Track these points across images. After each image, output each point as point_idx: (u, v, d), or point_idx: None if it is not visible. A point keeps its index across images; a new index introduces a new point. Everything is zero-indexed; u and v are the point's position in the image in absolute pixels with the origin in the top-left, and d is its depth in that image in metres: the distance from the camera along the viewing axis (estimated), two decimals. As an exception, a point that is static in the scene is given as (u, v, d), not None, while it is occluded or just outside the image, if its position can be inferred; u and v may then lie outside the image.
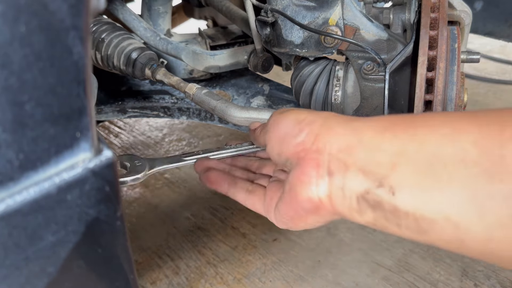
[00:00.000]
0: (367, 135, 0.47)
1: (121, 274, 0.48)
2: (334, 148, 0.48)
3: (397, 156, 0.43)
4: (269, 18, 0.82)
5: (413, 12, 0.79)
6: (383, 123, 0.47)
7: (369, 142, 0.46)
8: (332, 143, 0.49)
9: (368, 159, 0.45)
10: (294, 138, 0.52)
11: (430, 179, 0.40)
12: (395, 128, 0.45)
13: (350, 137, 0.48)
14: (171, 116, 1.21)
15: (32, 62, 0.34)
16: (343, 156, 0.47)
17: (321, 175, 0.49)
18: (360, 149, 0.46)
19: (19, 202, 0.36)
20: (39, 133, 0.36)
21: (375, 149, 0.45)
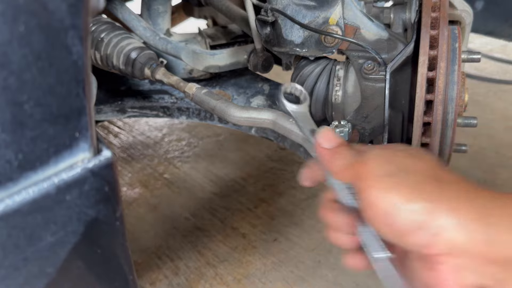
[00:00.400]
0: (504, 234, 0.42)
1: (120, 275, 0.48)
2: (479, 257, 0.42)
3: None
4: (269, 17, 0.82)
5: (414, 12, 0.79)
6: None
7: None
8: (476, 252, 0.42)
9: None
10: (414, 236, 0.45)
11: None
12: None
13: (499, 244, 0.42)
14: (170, 116, 1.21)
15: (31, 62, 0.34)
16: (495, 271, 0.42)
17: (466, 285, 0.43)
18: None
19: (18, 202, 0.36)
20: (38, 133, 0.36)
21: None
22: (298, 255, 1.29)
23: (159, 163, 1.82)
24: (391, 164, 0.48)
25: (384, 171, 0.48)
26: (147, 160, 1.84)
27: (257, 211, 1.49)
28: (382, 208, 0.46)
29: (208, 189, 1.63)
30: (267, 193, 1.58)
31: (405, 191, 0.46)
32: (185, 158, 1.84)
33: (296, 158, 1.74)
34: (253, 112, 0.83)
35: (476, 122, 0.78)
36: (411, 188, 0.46)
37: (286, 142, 1.04)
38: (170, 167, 1.79)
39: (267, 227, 1.41)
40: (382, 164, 0.49)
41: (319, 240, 1.34)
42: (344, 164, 0.51)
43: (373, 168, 0.48)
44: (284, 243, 1.34)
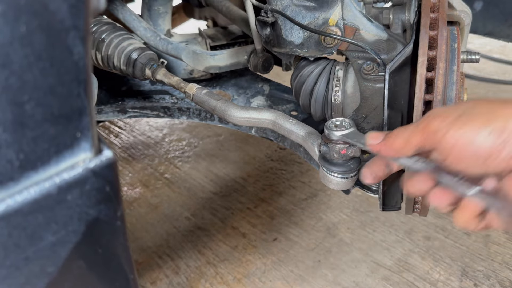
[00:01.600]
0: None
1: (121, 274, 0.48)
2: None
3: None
4: (269, 18, 0.82)
5: (413, 12, 0.79)
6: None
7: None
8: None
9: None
10: (503, 153, 0.49)
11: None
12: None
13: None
14: (171, 116, 1.21)
15: (33, 62, 0.34)
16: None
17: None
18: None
19: (20, 202, 0.36)
20: (39, 133, 0.36)
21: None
22: (298, 255, 1.29)
23: (160, 163, 1.82)
24: (454, 110, 0.53)
25: (452, 116, 0.52)
26: (148, 160, 1.85)
27: (257, 210, 1.49)
28: (465, 142, 0.50)
29: (208, 188, 1.63)
30: (267, 192, 1.58)
31: (477, 121, 0.50)
32: (186, 158, 1.84)
33: (296, 158, 1.74)
34: (253, 112, 0.83)
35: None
36: (480, 117, 0.50)
37: (286, 142, 1.05)
38: (170, 167, 1.79)
39: (267, 226, 1.41)
40: (444, 113, 0.53)
41: (319, 240, 1.34)
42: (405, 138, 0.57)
43: (439, 120, 0.53)
44: (284, 243, 1.34)
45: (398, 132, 0.58)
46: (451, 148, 0.51)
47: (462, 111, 0.52)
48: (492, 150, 0.49)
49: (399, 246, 1.30)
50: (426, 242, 1.30)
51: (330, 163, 0.72)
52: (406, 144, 0.57)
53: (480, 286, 1.15)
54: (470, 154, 0.50)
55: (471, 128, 0.50)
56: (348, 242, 1.33)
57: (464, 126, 0.51)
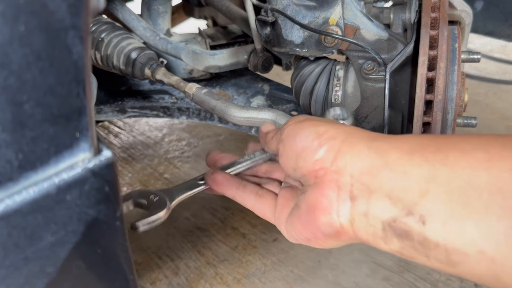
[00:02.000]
0: (393, 157, 0.43)
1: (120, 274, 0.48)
2: (356, 169, 0.45)
3: (427, 181, 0.40)
4: (269, 17, 0.82)
5: (414, 12, 0.79)
6: (411, 144, 0.44)
7: (396, 165, 0.43)
8: (354, 164, 0.45)
9: (395, 184, 0.42)
10: (312, 154, 0.48)
11: (464, 209, 0.38)
12: (424, 151, 0.42)
13: (374, 158, 0.45)
14: (170, 116, 1.21)
15: (32, 62, 0.34)
16: (366, 179, 0.44)
17: (343, 199, 0.46)
18: (386, 172, 0.43)
19: (19, 202, 0.36)
20: (39, 133, 0.36)
21: (402, 173, 0.42)
22: (298, 255, 1.29)
23: (159, 163, 1.82)
24: (307, 116, 0.57)
25: (301, 118, 0.55)
26: (147, 160, 1.84)
27: (257, 211, 1.49)
28: (289, 135, 0.53)
29: (208, 189, 1.63)
30: (267, 193, 1.58)
31: (311, 122, 0.53)
32: (185, 158, 1.84)
33: (296, 158, 1.74)
34: (253, 112, 0.83)
35: (475, 122, 0.78)
36: (317, 120, 0.53)
37: (286, 142, 1.04)
38: (170, 167, 1.79)
39: (267, 227, 1.41)
40: (299, 116, 0.57)
41: (319, 240, 1.34)
42: (273, 133, 0.60)
43: (293, 119, 0.56)
44: (284, 243, 1.34)
45: (274, 130, 0.62)
46: (282, 141, 0.54)
47: (313, 117, 0.56)
48: (304, 148, 0.50)
49: (399, 246, 1.30)
50: (426, 242, 1.30)
51: None
52: (272, 140, 0.60)
53: (481, 287, 1.15)
54: (289, 148, 0.52)
55: (301, 126, 0.52)
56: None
57: (298, 124, 0.53)
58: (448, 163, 0.40)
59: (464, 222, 0.38)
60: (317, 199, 0.48)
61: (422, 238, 0.40)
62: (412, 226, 0.40)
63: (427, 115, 0.71)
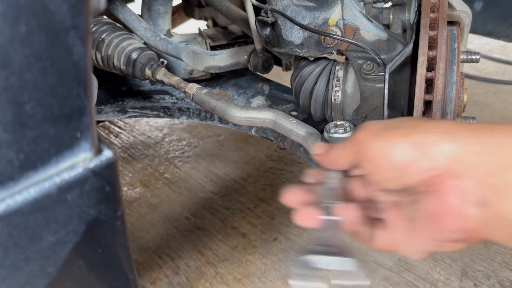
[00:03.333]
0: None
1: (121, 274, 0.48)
2: (479, 170, 0.43)
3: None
4: (269, 18, 0.82)
5: (413, 12, 0.79)
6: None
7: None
8: (473, 165, 0.43)
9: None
10: (418, 165, 0.46)
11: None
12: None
13: (494, 156, 0.43)
14: (171, 116, 1.21)
15: (32, 62, 0.34)
16: (495, 180, 0.42)
17: (470, 203, 0.44)
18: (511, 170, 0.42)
19: (20, 202, 0.36)
20: (39, 133, 0.36)
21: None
22: (298, 255, 1.29)
23: (160, 163, 1.82)
24: (384, 123, 0.52)
25: (379, 128, 0.51)
26: (148, 160, 1.85)
27: (257, 210, 1.49)
28: (384, 153, 0.48)
29: (208, 188, 1.63)
30: (267, 192, 1.58)
31: (398, 133, 0.48)
32: (186, 158, 1.84)
33: (296, 158, 1.74)
34: (253, 112, 0.83)
35: (475, 122, 0.78)
36: (402, 130, 0.49)
37: (286, 142, 1.05)
38: (170, 167, 1.79)
39: (267, 226, 1.41)
40: (376, 125, 0.52)
41: (319, 240, 1.34)
42: (340, 151, 0.55)
43: (369, 130, 0.51)
44: (284, 243, 1.34)
45: (335, 147, 0.57)
46: (371, 159, 0.50)
47: (389, 124, 0.51)
48: (407, 163, 0.47)
49: (399, 246, 1.30)
50: (426, 242, 1.30)
51: None
52: (341, 156, 0.55)
53: (480, 286, 1.15)
54: (387, 166, 0.48)
55: (390, 140, 0.48)
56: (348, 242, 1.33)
57: (384, 138, 0.49)
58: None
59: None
60: (441, 208, 0.45)
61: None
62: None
63: (426, 115, 0.71)
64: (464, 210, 0.44)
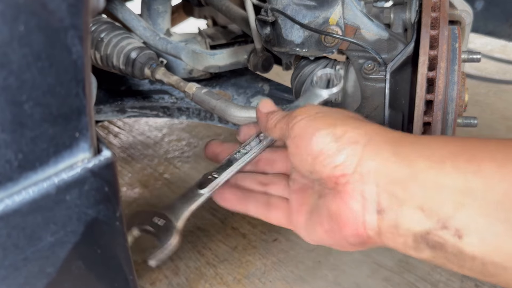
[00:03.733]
0: (422, 166, 0.42)
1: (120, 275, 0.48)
2: (383, 178, 0.43)
3: (462, 194, 0.39)
4: (269, 17, 0.82)
5: (414, 12, 0.79)
6: (440, 151, 0.42)
7: (427, 175, 0.41)
8: (379, 172, 0.44)
9: (427, 196, 0.41)
10: (331, 159, 0.46)
11: (502, 224, 0.37)
12: (456, 160, 0.41)
13: (401, 166, 0.43)
14: (170, 116, 1.21)
15: (31, 62, 0.34)
16: (395, 190, 0.43)
17: (369, 210, 0.44)
18: (416, 183, 0.41)
19: (18, 202, 0.36)
20: (38, 133, 0.36)
21: (435, 184, 0.41)
22: (298, 255, 1.29)
23: (159, 163, 1.82)
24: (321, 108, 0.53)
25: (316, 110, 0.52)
26: (147, 160, 1.84)
27: (257, 211, 1.49)
28: (306, 134, 0.50)
29: (208, 189, 1.62)
30: (267, 193, 1.58)
31: (326, 121, 0.49)
32: (185, 158, 1.84)
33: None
34: (253, 111, 0.82)
35: (476, 122, 0.78)
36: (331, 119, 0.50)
37: (286, 142, 1.04)
38: (170, 167, 1.79)
39: (267, 227, 1.41)
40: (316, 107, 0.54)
41: (319, 240, 1.34)
42: (277, 120, 0.57)
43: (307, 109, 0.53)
44: (284, 243, 1.34)
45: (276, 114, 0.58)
46: (294, 137, 0.51)
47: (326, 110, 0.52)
48: (321, 152, 0.47)
49: (400, 246, 1.29)
50: (426, 242, 1.30)
51: None
52: (274, 126, 0.57)
53: (481, 287, 1.14)
54: (305, 148, 0.49)
55: (316, 125, 0.49)
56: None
57: (312, 121, 0.50)
58: (483, 175, 0.39)
59: (503, 237, 0.37)
60: (341, 210, 0.46)
61: (458, 251, 0.40)
62: (447, 239, 0.40)
63: (427, 115, 0.71)
64: (363, 217, 0.45)
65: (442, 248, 0.40)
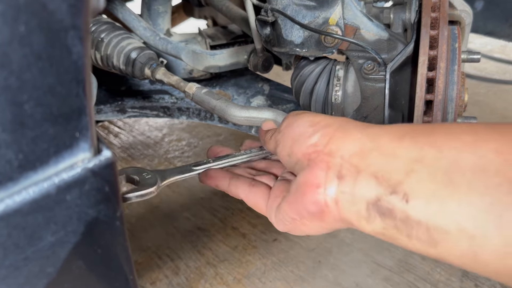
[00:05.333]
0: (384, 140, 0.45)
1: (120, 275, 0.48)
2: (347, 151, 0.46)
3: (414, 162, 0.41)
4: (269, 17, 0.82)
5: (414, 12, 0.79)
6: (402, 128, 0.45)
7: (386, 147, 0.44)
8: (345, 147, 0.47)
9: (382, 165, 0.43)
10: (307, 139, 0.51)
11: (447, 188, 0.38)
12: (415, 135, 0.43)
13: (365, 141, 0.46)
14: (170, 116, 1.21)
15: (32, 62, 0.34)
16: (356, 160, 0.45)
17: (331, 178, 0.47)
18: (375, 154, 0.44)
19: (19, 202, 0.36)
20: (39, 133, 0.36)
21: (391, 154, 0.43)
22: (298, 255, 1.29)
23: (160, 163, 1.82)
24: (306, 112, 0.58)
25: (300, 112, 0.58)
26: (148, 160, 1.84)
27: (257, 211, 1.49)
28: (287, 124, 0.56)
29: (208, 189, 1.63)
30: (267, 193, 1.58)
31: (308, 113, 0.56)
32: (186, 158, 1.84)
33: (296, 158, 1.74)
34: (254, 111, 0.83)
35: (476, 122, 0.78)
36: (318, 114, 0.55)
37: (286, 142, 1.04)
38: (170, 167, 1.79)
39: (267, 227, 1.41)
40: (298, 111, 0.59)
41: (319, 240, 1.34)
42: (271, 132, 0.62)
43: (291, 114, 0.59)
44: (284, 243, 1.34)
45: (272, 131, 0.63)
46: (281, 131, 0.57)
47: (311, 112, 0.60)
48: (300, 134, 0.52)
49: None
50: (426, 242, 1.30)
51: None
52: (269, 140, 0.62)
53: (481, 287, 1.15)
54: (287, 135, 0.55)
55: (299, 116, 0.55)
56: (348, 242, 1.33)
57: (296, 115, 0.56)
58: (436, 145, 0.41)
59: (446, 200, 0.38)
60: (307, 178, 0.49)
61: (405, 216, 0.41)
62: (395, 204, 0.41)
63: (427, 115, 0.71)
64: (323, 182, 0.47)
65: (391, 214, 0.41)
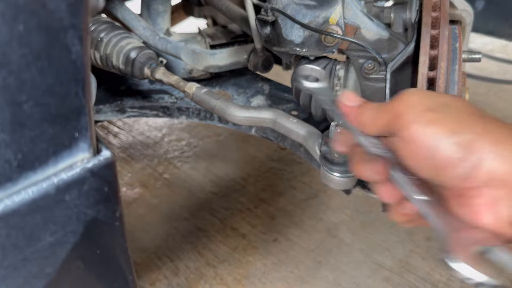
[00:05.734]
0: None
1: (120, 275, 0.48)
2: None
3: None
4: (269, 17, 0.81)
5: (414, 11, 0.78)
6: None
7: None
8: (507, 177, 0.42)
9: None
10: (455, 169, 0.44)
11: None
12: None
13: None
14: (170, 115, 1.21)
15: (31, 62, 0.34)
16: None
17: (500, 212, 0.43)
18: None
19: (18, 203, 0.36)
20: (38, 133, 0.36)
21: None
22: (298, 256, 1.29)
23: (159, 163, 1.82)
24: (430, 100, 0.48)
25: (425, 106, 0.47)
26: (147, 160, 1.84)
27: (257, 211, 1.49)
28: (425, 141, 0.45)
29: (208, 189, 1.62)
30: (267, 193, 1.58)
31: (449, 124, 0.45)
32: (185, 158, 1.84)
33: (296, 158, 1.74)
34: (253, 111, 0.82)
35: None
36: (455, 121, 0.45)
37: (286, 142, 1.04)
38: (170, 167, 1.78)
39: (267, 227, 1.41)
40: (422, 99, 0.48)
41: (319, 241, 1.34)
42: (374, 114, 0.51)
43: (413, 104, 0.47)
44: (284, 243, 1.34)
45: (369, 107, 0.52)
46: (410, 142, 0.47)
47: (435, 105, 0.47)
48: (450, 162, 0.44)
49: (400, 246, 1.30)
50: (427, 243, 1.30)
51: (331, 162, 0.71)
52: (372, 122, 0.51)
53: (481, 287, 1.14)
54: (427, 157, 0.46)
55: (437, 131, 0.45)
56: (348, 242, 1.33)
57: (430, 125, 0.46)
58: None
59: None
60: (472, 215, 0.44)
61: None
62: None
63: (427, 115, 0.71)
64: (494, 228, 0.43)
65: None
